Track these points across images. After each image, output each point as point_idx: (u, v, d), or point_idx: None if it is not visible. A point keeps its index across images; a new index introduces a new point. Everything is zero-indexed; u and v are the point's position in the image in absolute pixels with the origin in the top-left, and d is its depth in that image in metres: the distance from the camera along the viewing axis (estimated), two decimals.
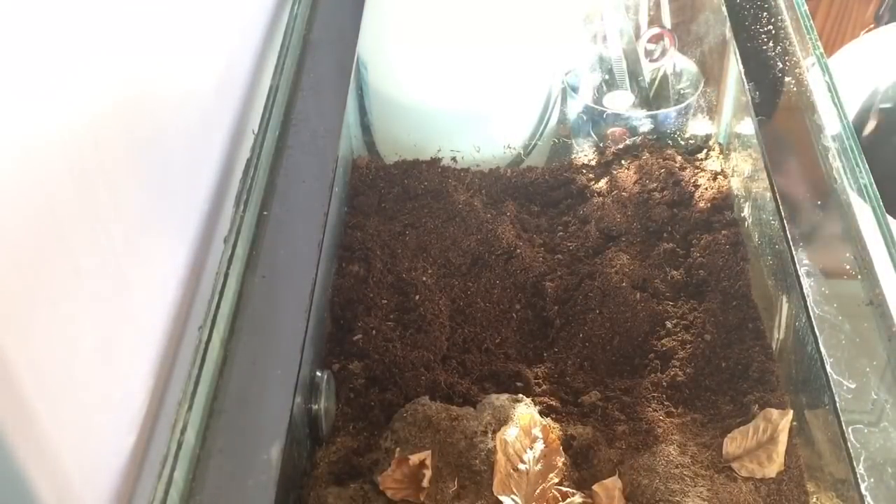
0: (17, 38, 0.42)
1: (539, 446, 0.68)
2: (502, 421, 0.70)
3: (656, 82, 1.01)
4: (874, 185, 0.70)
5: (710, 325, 0.80)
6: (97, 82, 0.50)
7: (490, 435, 0.69)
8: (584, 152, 0.99)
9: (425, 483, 0.66)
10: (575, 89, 1.03)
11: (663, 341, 0.79)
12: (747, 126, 0.89)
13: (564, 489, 0.67)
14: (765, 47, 0.85)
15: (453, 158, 0.99)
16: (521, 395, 0.74)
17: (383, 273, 0.86)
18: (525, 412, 0.70)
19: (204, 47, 0.68)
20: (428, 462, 0.67)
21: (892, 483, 0.55)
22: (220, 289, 0.61)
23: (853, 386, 0.59)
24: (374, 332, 0.80)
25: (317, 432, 0.71)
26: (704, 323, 0.80)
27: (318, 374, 0.73)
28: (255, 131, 0.72)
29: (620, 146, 0.97)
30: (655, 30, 0.99)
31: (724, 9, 0.91)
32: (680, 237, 0.88)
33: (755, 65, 0.84)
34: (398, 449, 0.69)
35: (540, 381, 0.78)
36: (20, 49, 0.42)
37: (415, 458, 0.67)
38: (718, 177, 0.94)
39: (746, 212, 0.89)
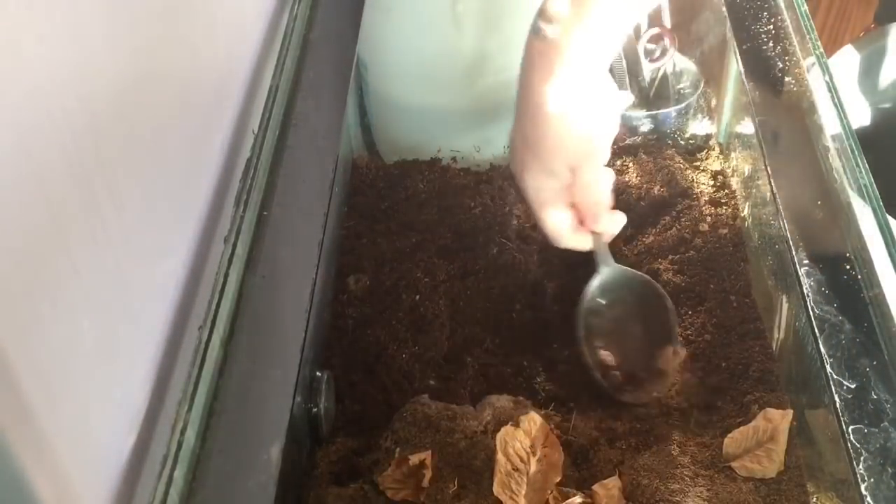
0: (17, 37, 0.42)
1: (539, 446, 0.68)
2: (502, 421, 0.70)
3: (656, 82, 1.01)
4: (874, 185, 0.70)
5: (710, 325, 0.80)
6: (97, 81, 0.50)
7: (490, 435, 0.69)
8: None
9: (425, 483, 0.66)
10: None
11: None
12: (747, 126, 0.89)
13: (564, 489, 0.67)
14: (765, 47, 0.85)
15: (453, 158, 0.99)
16: (520, 396, 0.74)
17: (383, 273, 0.86)
18: (525, 412, 0.70)
19: (204, 47, 0.68)
20: (428, 462, 0.67)
21: (893, 483, 0.55)
22: (220, 289, 0.61)
23: (853, 386, 0.59)
24: (374, 331, 0.80)
25: (317, 432, 0.71)
26: (704, 323, 0.80)
27: (318, 374, 0.73)
28: (255, 131, 0.72)
29: (619, 145, 0.97)
30: (655, 30, 0.99)
31: (724, 9, 0.91)
32: (679, 237, 0.88)
33: (755, 65, 0.84)
34: (398, 449, 0.69)
35: (540, 380, 0.78)
36: (19, 47, 0.42)
37: (415, 458, 0.67)
38: (718, 177, 0.94)
39: (746, 212, 0.89)
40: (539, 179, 0.70)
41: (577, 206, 0.73)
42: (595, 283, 0.77)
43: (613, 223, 0.75)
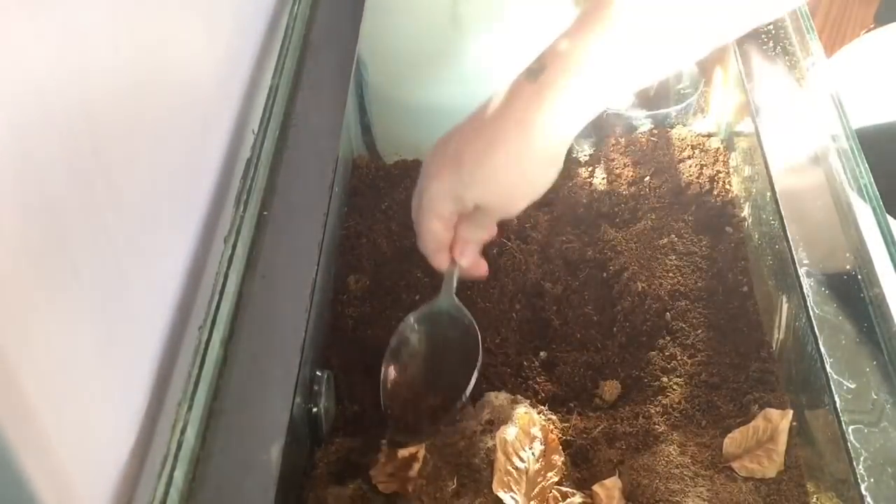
0: (17, 37, 0.42)
1: (538, 445, 0.68)
2: (502, 419, 0.70)
3: (656, 82, 1.01)
4: (874, 185, 0.70)
5: (711, 326, 0.80)
6: (97, 81, 0.50)
7: (489, 433, 0.69)
8: (584, 152, 0.99)
9: (413, 473, 0.66)
10: None
11: (663, 341, 0.79)
12: (747, 126, 0.89)
13: (564, 489, 0.67)
14: (765, 47, 0.85)
15: None
16: (519, 396, 0.74)
17: (383, 273, 0.86)
18: (524, 412, 0.70)
19: (204, 47, 0.68)
20: (419, 455, 0.67)
21: (892, 483, 0.55)
22: (220, 289, 0.61)
23: (853, 386, 0.59)
24: (374, 331, 0.80)
25: (317, 432, 0.71)
26: (705, 323, 0.80)
27: (318, 374, 0.73)
28: (255, 131, 0.72)
29: (619, 144, 0.97)
30: None
31: None
32: (680, 237, 0.88)
33: (755, 65, 0.84)
34: (384, 441, 0.69)
35: (540, 380, 0.78)
36: (20, 47, 0.42)
37: (404, 452, 0.67)
38: (718, 176, 0.94)
39: (746, 212, 0.89)
40: (445, 192, 0.67)
41: (456, 233, 0.71)
42: (429, 307, 0.76)
43: (478, 267, 0.74)
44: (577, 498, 0.66)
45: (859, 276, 0.65)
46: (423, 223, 0.69)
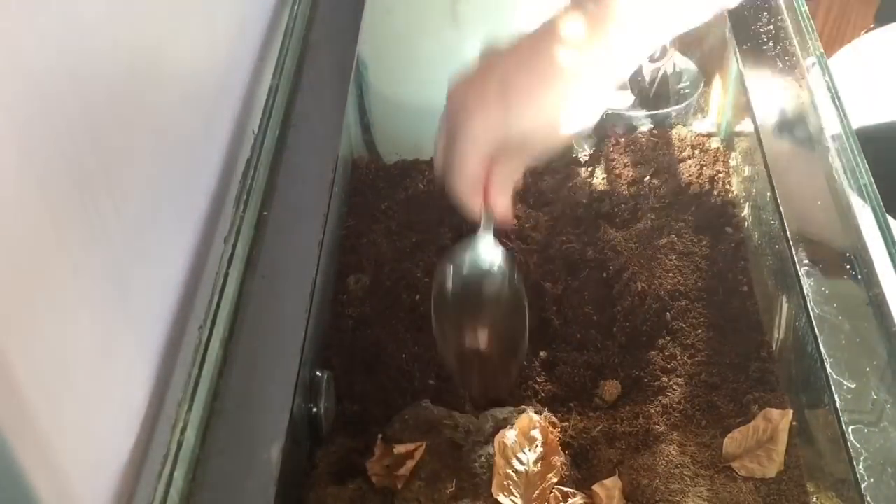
0: (18, 37, 0.42)
1: (538, 447, 0.68)
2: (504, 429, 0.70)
3: (656, 82, 1.01)
4: (874, 185, 0.70)
5: (711, 325, 0.80)
6: (97, 82, 0.50)
7: (491, 443, 0.69)
8: (584, 152, 0.99)
9: (402, 472, 0.66)
10: None
11: (663, 341, 0.79)
12: (747, 126, 0.89)
13: (565, 489, 0.67)
14: (765, 47, 0.85)
15: None
16: (522, 406, 0.73)
17: (383, 273, 0.86)
18: (524, 415, 0.70)
19: (204, 47, 0.68)
20: (416, 454, 0.67)
21: (892, 483, 0.55)
22: (220, 289, 0.61)
23: (853, 386, 0.59)
24: (374, 331, 0.80)
25: (317, 432, 0.71)
26: (705, 323, 0.80)
27: (318, 374, 0.73)
28: (255, 131, 0.72)
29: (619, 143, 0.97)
30: None
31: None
32: (680, 237, 0.88)
33: (755, 65, 0.84)
34: (380, 436, 0.69)
35: (540, 380, 0.78)
36: (20, 48, 0.42)
37: (400, 448, 0.67)
38: (718, 177, 0.94)
39: (746, 212, 0.89)
40: (491, 130, 0.59)
41: (490, 176, 0.63)
42: (470, 250, 0.68)
43: (509, 214, 0.67)
44: (577, 498, 0.66)
45: (859, 276, 0.65)
46: (462, 163, 0.61)
